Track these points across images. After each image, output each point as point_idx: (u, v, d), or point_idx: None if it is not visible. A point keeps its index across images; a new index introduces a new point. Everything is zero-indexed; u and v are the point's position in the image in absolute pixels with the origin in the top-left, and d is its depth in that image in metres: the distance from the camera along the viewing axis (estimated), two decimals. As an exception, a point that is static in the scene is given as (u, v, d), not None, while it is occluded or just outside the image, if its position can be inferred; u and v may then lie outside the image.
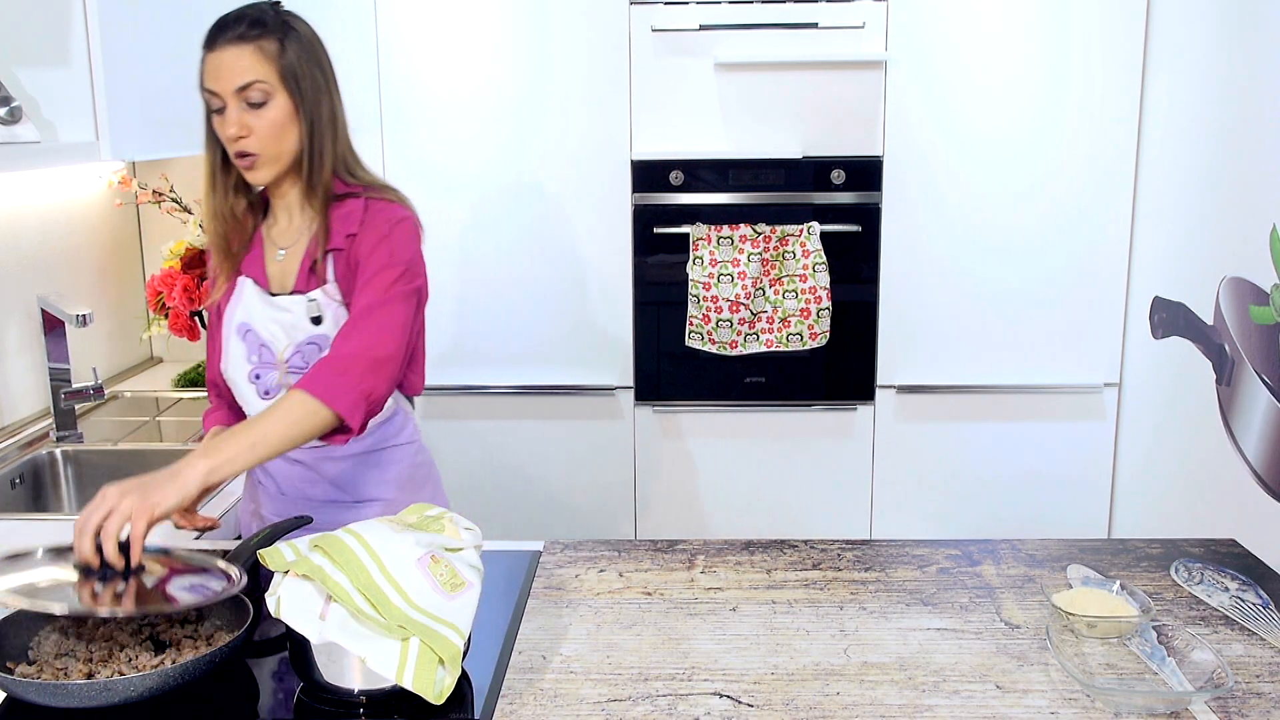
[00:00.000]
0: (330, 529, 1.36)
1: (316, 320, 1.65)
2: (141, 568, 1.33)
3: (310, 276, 1.66)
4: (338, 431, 1.53)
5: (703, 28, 2.70)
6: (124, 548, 1.30)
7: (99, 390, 2.39)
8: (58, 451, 2.32)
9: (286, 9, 1.63)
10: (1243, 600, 1.51)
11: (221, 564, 1.42)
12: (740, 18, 2.70)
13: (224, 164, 1.65)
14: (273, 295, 1.68)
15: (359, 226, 1.64)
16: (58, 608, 1.24)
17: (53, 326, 2.37)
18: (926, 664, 1.36)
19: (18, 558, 1.36)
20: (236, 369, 1.70)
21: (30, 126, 2.04)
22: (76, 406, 2.40)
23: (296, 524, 1.57)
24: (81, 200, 2.67)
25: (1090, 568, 1.61)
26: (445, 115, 2.78)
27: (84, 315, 2.26)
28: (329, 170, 1.64)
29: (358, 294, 1.61)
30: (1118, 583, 1.47)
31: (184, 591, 1.34)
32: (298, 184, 1.66)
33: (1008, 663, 1.36)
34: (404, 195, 1.72)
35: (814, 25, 2.70)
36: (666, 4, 2.71)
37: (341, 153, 1.66)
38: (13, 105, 2.02)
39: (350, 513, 1.75)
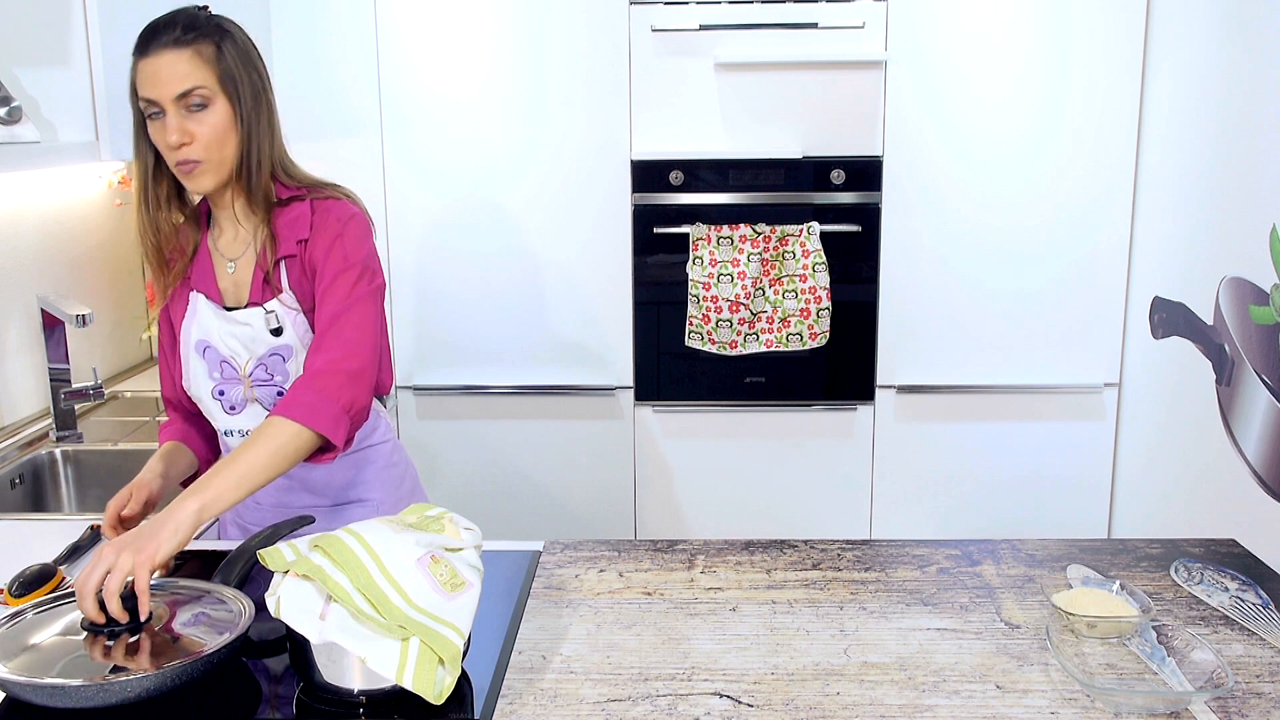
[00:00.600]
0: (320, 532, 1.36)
1: (276, 331, 1.62)
2: (150, 616, 1.34)
3: (265, 287, 1.63)
4: (323, 450, 1.53)
5: (703, 28, 2.70)
6: (127, 601, 1.30)
7: (99, 390, 2.39)
8: (58, 451, 2.32)
9: (217, 13, 1.59)
10: (1243, 600, 1.51)
11: (220, 588, 1.42)
12: (740, 18, 2.70)
13: (155, 175, 1.60)
14: (228, 309, 1.65)
15: (309, 230, 1.61)
16: (78, 682, 1.20)
17: (53, 326, 2.37)
18: (926, 664, 1.36)
19: (10, 624, 1.34)
20: (200, 387, 1.68)
21: (30, 126, 2.04)
22: (76, 406, 2.40)
23: (299, 524, 1.56)
24: (81, 200, 2.67)
25: (1090, 568, 1.61)
26: (445, 115, 2.78)
27: (84, 315, 2.26)
28: (267, 175, 1.61)
29: (320, 302, 1.58)
30: (1118, 583, 1.47)
31: (193, 628, 1.34)
32: (240, 192, 1.63)
33: (1008, 663, 1.36)
34: (349, 190, 1.69)
35: (814, 25, 2.70)
36: (666, 4, 2.71)
37: (278, 155, 1.63)
38: (13, 105, 2.02)
39: (330, 516, 1.74)
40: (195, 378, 1.68)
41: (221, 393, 1.67)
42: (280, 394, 1.64)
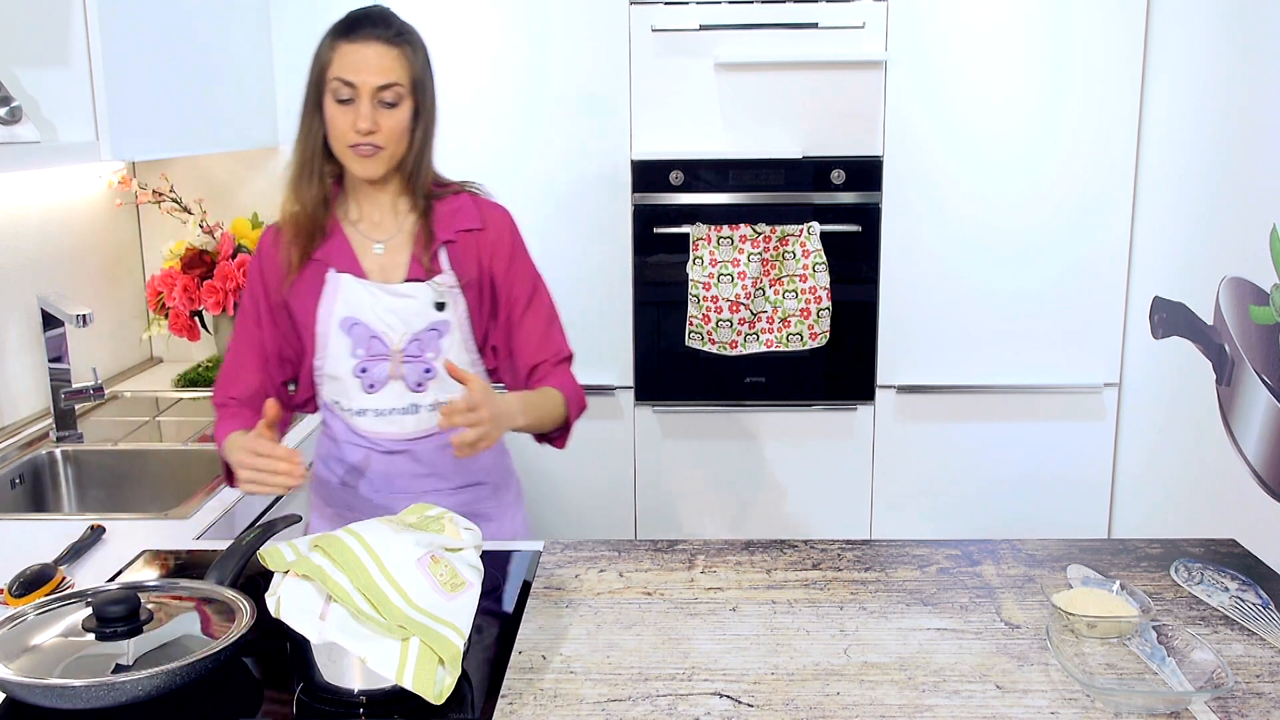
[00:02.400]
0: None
1: (440, 306, 1.70)
2: (151, 616, 1.34)
3: (427, 267, 1.71)
4: (543, 438, 1.79)
5: (703, 28, 2.70)
6: (130, 612, 1.32)
7: (99, 390, 2.39)
8: (58, 451, 2.32)
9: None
10: (1243, 600, 1.51)
11: (221, 589, 1.42)
12: (740, 18, 2.70)
13: (325, 151, 1.68)
14: (390, 285, 1.71)
15: (479, 222, 1.73)
16: (79, 683, 1.20)
17: (53, 326, 2.37)
18: (926, 664, 1.36)
19: (11, 625, 1.34)
20: (339, 365, 1.72)
21: (30, 126, 2.04)
22: (76, 406, 2.40)
23: (288, 522, 1.57)
24: (81, 200, 2.67)
25: (1090, 568, 1.61)
26: (446, 115, 2.73)
27: (84, 315, 2.26)
28: (429, 172, 1.72)
29: (524, 318, 1.76)
30: (1118, 583, 1.47)
31: (193, 628, 1.33)
32: (400, 183, 1.72)
33: (1008, 663, 1.36)
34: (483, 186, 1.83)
35: (814, 25, 2.70)
36: (666, 4, 2.71)
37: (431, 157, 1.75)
38: (13, 105, 2.02)
39: (450, 498, 1.81)
40: (336, 356, 1.72)
41: (364, 370, 1.71)
42: (428, 371, 1.72)
